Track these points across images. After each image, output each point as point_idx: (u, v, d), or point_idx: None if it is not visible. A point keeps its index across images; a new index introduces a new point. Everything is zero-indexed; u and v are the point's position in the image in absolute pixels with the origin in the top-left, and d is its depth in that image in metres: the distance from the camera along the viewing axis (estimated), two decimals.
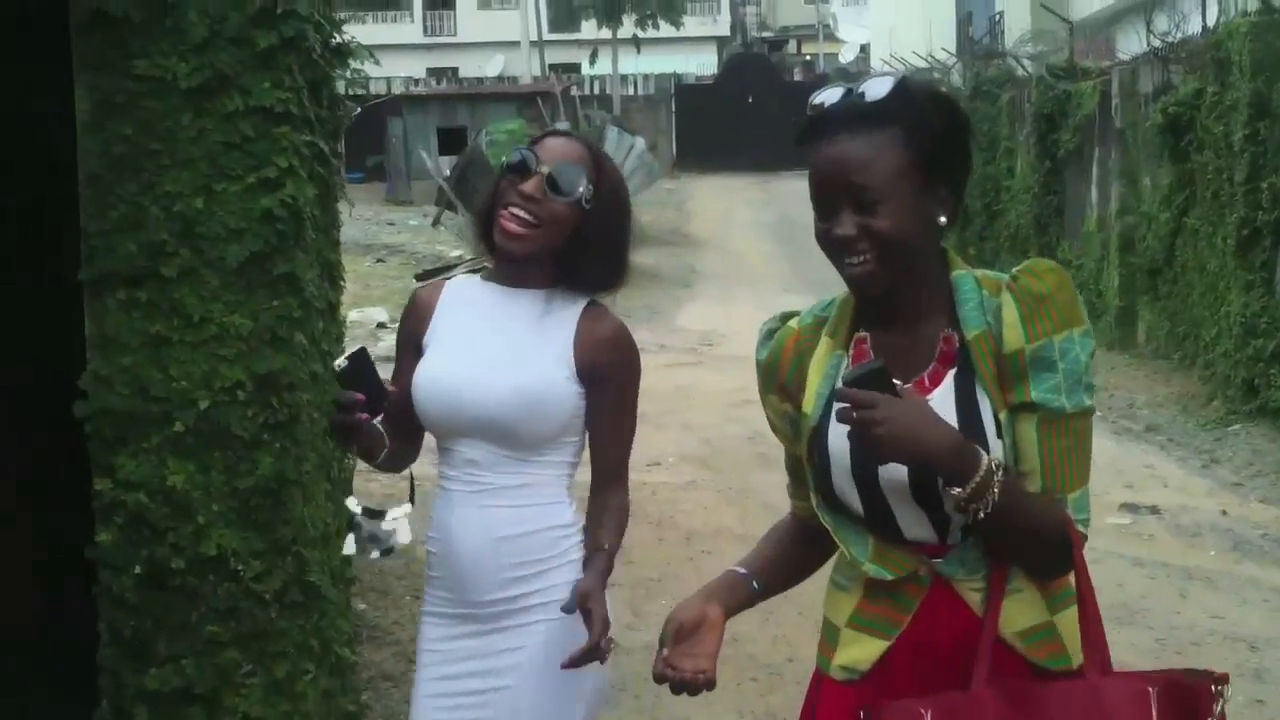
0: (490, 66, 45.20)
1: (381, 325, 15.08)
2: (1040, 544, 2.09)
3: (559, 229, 2.67)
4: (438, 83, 42.75)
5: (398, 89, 35.72)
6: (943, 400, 2.12)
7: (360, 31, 5.65)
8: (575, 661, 2.60)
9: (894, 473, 2.11)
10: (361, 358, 2.62)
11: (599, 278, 2.78)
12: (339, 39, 4.51)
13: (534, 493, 2.71)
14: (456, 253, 20.77)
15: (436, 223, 22.18)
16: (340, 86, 4.71)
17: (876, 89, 2.14)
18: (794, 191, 22.53)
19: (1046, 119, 17.36)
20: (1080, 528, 2.11)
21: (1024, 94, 18.84)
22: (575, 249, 2.71)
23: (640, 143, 23.78)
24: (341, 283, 4.47)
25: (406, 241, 24.12)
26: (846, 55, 48.44)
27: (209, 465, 3.84)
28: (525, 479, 2.70)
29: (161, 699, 3.92)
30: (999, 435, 2.10)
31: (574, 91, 32.81)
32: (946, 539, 2.16)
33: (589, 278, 2.76)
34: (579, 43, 47.83)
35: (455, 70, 48.62)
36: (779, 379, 2.31)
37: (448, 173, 21.70)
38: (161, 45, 3.75)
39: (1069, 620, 2.13)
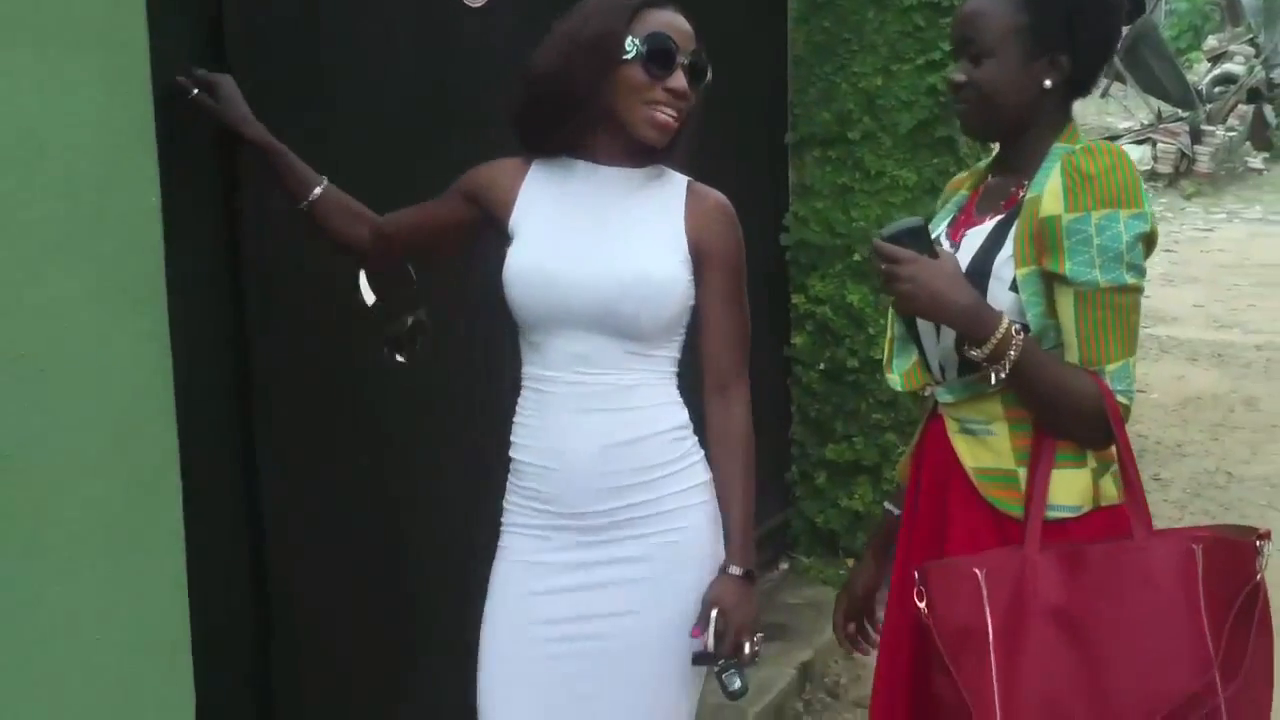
0: None
1: None
2: (1068, 410, 2.12)
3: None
4: None
5: None
6: (976, 237, 2.22)
7: None
8: (696, 660, 2.30)
9: None
10: None
11: (687, 150, 2.45)
12: None
13: (646, 393, 2.35)
14: (1125, 124, 20.67)
15: (1105, 94, 22.13)
16: None
17: None
18: None
19: None
20: (1121, 399, 2.11)
21: None
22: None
23: None
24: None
25: (1074, 112, 24.09)
26: None
27: (879, 288, 4.85)
28: (637, 377, 2.34)
29: (837, 468, 5.06)
30: (1011, 288, 2.15)
31: None
32: (944, 376, 2.29)
33: (681, 152, 2.44)
34: None
35: None
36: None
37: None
38: None
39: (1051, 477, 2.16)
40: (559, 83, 2.33)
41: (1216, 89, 20.79)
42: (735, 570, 2.34)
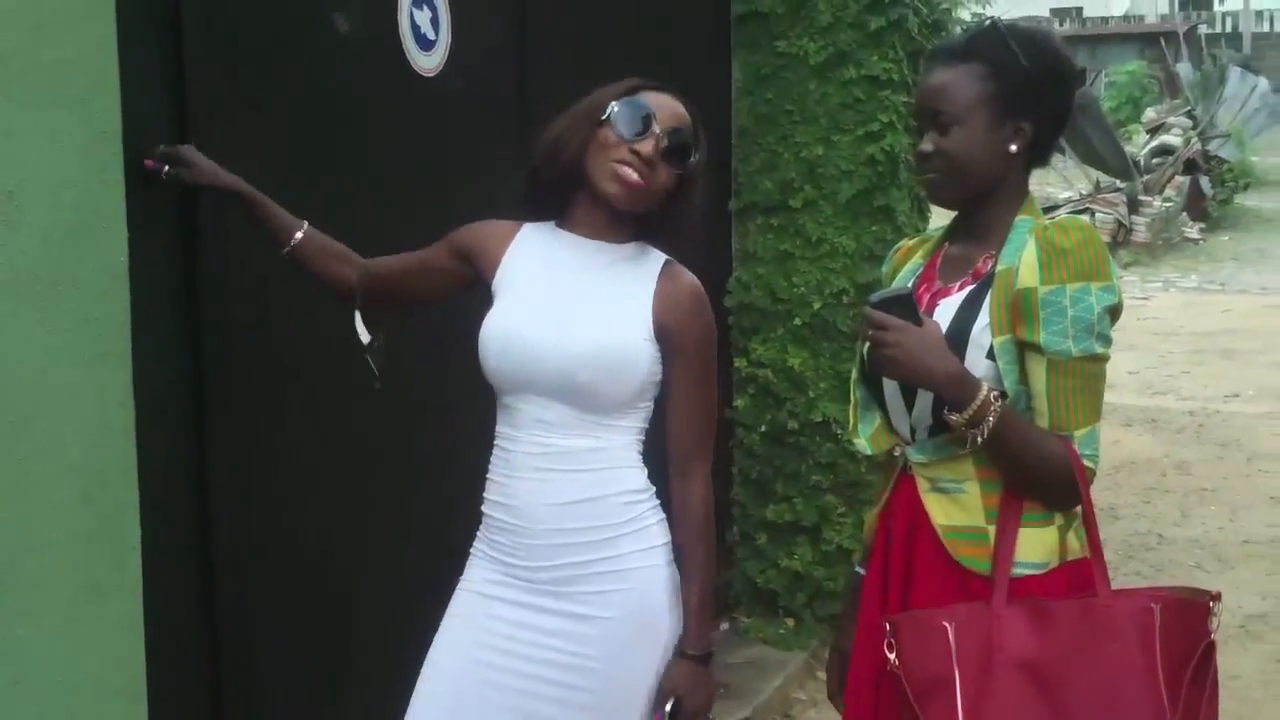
0: (1116, 4, 44.11)
1: None
2: (1040, 472, 2.20)
3: (661, 194, 2.43)
4: (1060, 24, 42.22)
5: None
6: (949, 307, 2.28)
7: None
8: None
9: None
10: None
11: (679, 238, 2.51)
12: (935, 16, 5.42)
13: (606, 456, 2.41)
14: (1065, 194, 21.00)
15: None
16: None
17: (974, 30, 2.38)
18: None
19: None
20: (1088, 463, 2.20)
21: None
22: (664, 211, 2.46)
23: (1264, 83, 22.89)
24: (928, 214, 5.38)
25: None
26: None
27: (819, 352, 4.98)
28: (598, 442, 2.41)
29: (777, 529, 5.15)
30: (989, 356, 2.22)
31: (1201, 29, 31.73)
32: (914, 437, 2.35)
33: (671, 237, 2.50)
34: None
35: (1079, 10, 47.71)
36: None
37: None
38: (797, 30, 4.91)
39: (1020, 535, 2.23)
40: (551, 146, 2.44)
41: (1154, 160, 21.21)
42: (691, 652, 2.41)
